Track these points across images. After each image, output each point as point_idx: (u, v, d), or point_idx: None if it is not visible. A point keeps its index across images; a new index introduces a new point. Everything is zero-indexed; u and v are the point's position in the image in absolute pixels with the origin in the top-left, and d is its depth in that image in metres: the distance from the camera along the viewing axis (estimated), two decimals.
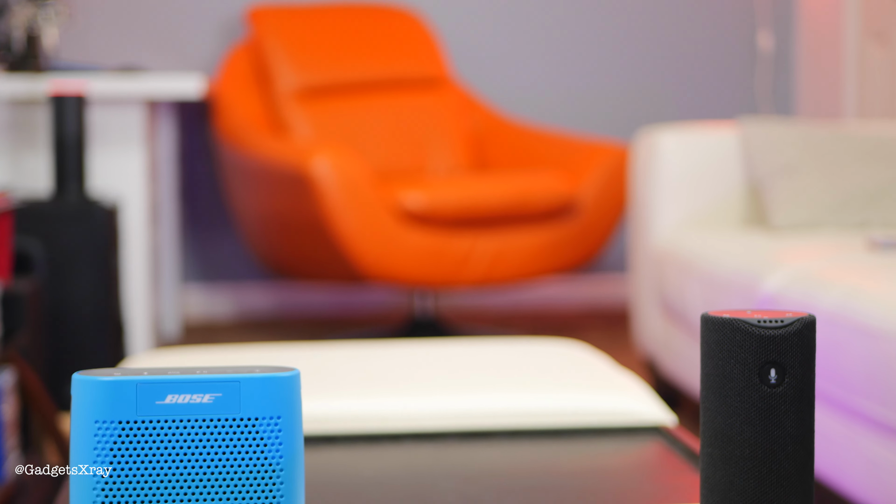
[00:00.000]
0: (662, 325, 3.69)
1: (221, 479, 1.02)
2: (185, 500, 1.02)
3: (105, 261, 3.59)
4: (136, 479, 1.01)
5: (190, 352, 2.10)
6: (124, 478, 1.01)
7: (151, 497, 1.02)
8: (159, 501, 1.02)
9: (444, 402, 1.79)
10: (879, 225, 3.53)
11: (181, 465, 1.02)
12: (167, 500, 1.02)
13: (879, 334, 2.29)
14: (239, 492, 1.03)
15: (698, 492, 1.12)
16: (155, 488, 1.02)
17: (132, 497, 1.01)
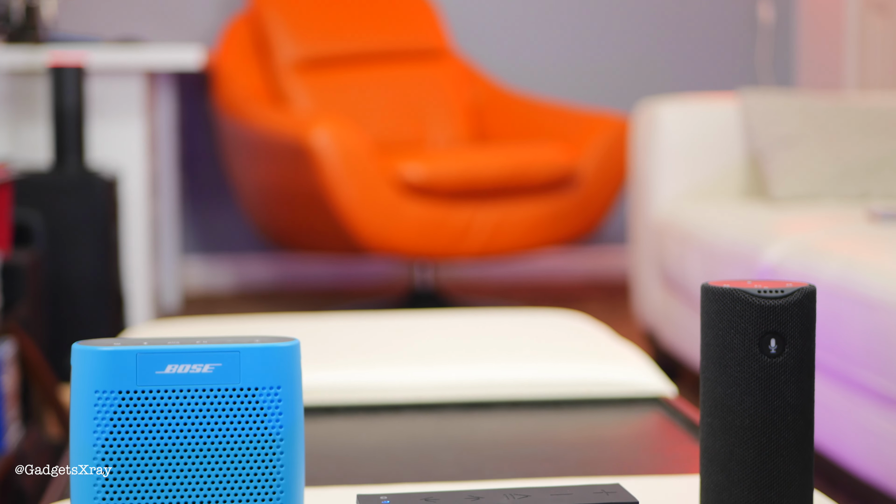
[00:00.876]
0: (662, 297, 3.69)
1: (221, 449, 1.02)
2: (185, 469, 1.02)
3: (105, 232, 3.58)
4: (135, 449, 1.01)
5: (190, 323, 2.10)
6: (124, 448, 1.01)
7: (151, 466, 1.02)
8: (159, 471, 1.02)
9: (444, 373, 1.79)
10: (880, 196, 3.53)
11: (181, 435, 1.02)
12: (167, 470, 1.02)
13: (879, 305, 2.29)
14: (239, 461, 1.03)
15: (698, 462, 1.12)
16: (155, 458, 1.02)
17: (132, 467, 1.01)
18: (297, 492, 1.04)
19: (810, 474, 1.09)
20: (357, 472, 1.47)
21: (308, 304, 4.96)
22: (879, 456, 2.32)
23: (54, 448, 2.84)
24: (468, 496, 1.01)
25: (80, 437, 1.02)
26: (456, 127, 5.15)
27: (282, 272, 5.53)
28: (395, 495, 1.01)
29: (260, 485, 1.03)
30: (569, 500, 1.00)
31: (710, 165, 3.82)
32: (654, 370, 1.84)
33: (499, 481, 1.34)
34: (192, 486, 1.02)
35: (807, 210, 3.37)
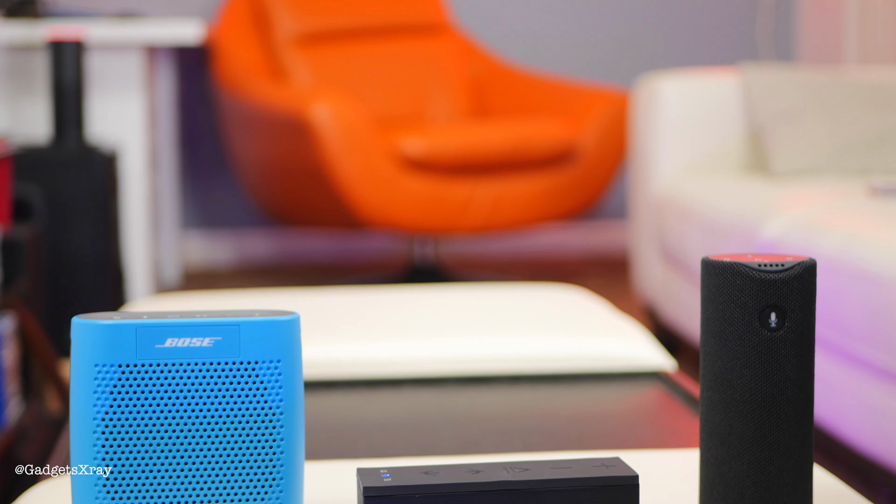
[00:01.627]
0: (662, 272, 3.69)
1: (221, 423, 1.02)
2: (185, 443, 1.02)
3: (104, 207, 3.58)
4: (135, 422, 1.01)
5: (189, 297, 2.10)
6: (124, 421, 1.01)
7: (151, 440, 1.02)
8: (159, 445, 1.02)
9: (443, 348, 1.79)
10: (880, 171, 3.53)
11: (181, 408, 1.02)
12: (167, 444, 1.02)
13: (879, 280, 2.29)
14: (239, 435, 1.03)
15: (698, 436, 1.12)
16: (154, 432, 1.02)
17: (132, 440, 1.01)
18: (297, 466, 1.04)
19: (810, 448, 1.09)
20: (357, 446, 1.47)
21: (308, 280, 4.96)
22: (879, 431, 2.32)
23: (55, 422, 2.84)
24: (468, 469, 1.01)
25: (81, 411, 1.01)
26: (456, 102, 5.14)
27: (281, 247, 5.53)
28: (395, 469, 1.01)
29: (260, 458, 1.03)
30: (568, 474, 1.00)
31: (711, 140, 3.82)
32: (653, 345, 1.84)
33: (498, 455, 1.34)
34: (191, 460, 1.02)
35: (807, 185, 3.37)
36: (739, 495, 1.07)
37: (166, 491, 1.02)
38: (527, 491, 0.99)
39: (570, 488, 0.99)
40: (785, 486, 1.07)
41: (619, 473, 1.00)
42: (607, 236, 5.64)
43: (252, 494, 1.03)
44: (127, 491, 1.01)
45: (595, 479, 1.00)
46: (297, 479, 1.05)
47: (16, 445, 2.54)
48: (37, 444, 2.67)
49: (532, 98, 5.02)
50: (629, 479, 1.00)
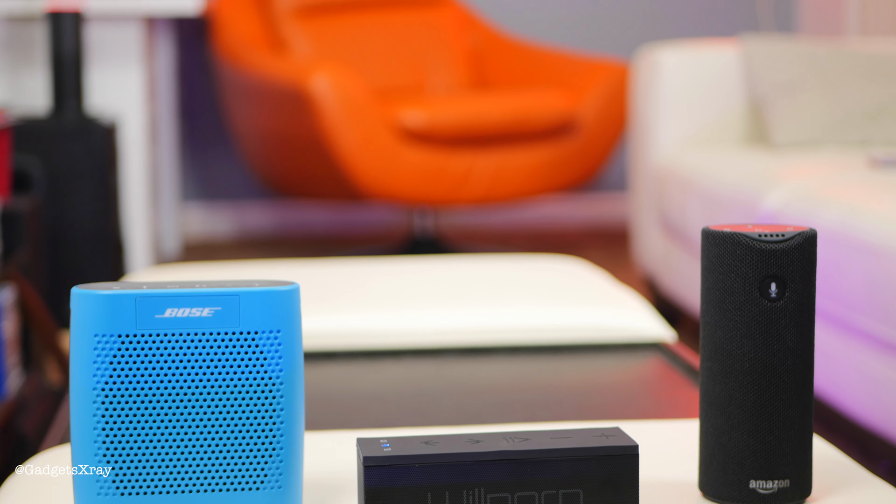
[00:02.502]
0: (662, 243, 3.69)
1: (221, 393, 1.02)
2: (185, 413, 1.02)
3: (104, 179, 3.58)
4: (135, 393, 1.01)
5: (189, 268, 2.10)
6: (124, 391, 1.01)
7: (151, 410, 1.02)
8: (159, 415, 1.02)
9: (444, 319, 1.79)
10: (880, 143, 3.52)
11: (180, 378, 1.02)
12: (166, 414, 1.02)
13: (879, 251, 2.29)
14: (239, 405, 1.03)
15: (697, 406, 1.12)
16: (154, 402, 1.02)
17: (131, 411, 1.01)
18: (297, 436, 1.04)
19: (810, 418, 1.09)
20: (357, 416, 1.47)
21: (308, 251, 4.96)
22: (878, 401, 2.33)
23: (55, 394, 2.85)
24: (468, 439, 1.01)
25: (80, 382, 1.01)
26: (456, 73, 5.13)
27: (281, 219, 5.53)
28: (395, 439, 1.01)
29: (260, 428, 1.03)
30: (568, 444, 1.00)
31: (711, 112, 3.81)
32: (653, 315, 1.84)
33: (498, 425, 1.34)
34: (191, 430, 1.02)
35: (807, 156, 3.36)
36: (739, 465, 1.07)
37: (166, 460, 1.02)
38: (527, 461, 0.99)
39: (570, 458, 0.99)
40: (785, 455, 1.07)
41: (619, 443, 1.00)
42: (607, 208, 5.64)
43: (252, 464, 1.03)
44: (126, 461, 1.02)
45: (595, 448, 1.00)
46: (298, 449, 1.05)
47: (16, 417, 2.55)
48: (37, 416, 2.67)
49: (532, 69, 5.01)
50: (629, 449, 1.00)
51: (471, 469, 0.98)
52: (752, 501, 1.07)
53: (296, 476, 1.05)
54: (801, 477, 1.08)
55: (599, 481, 1.00)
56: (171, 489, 1.02)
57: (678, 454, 1.19)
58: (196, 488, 1.03)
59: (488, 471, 0.98)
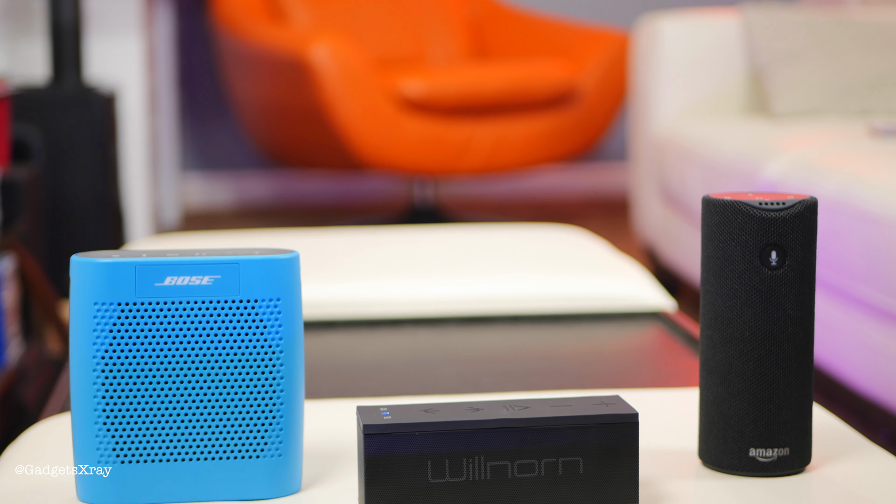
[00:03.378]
0: (662, 213, 3.68)
1: (221, 361, 1.02)
2: (185, 381, 1.02)
3: (103, 148, 3.57)
4: (134, 361, 1.01)
5: (189, 237, 2.10)
6: (123, 360, 1.01)
7: (151, 379, 1.02)
8: (159, 383, 1.02)
9: (444, 288, 1.79)
10: (881, 112, 3.51)
11: (180, 347, 1.02)
12: (166, 382, 1.02)
13: (880, 221, 2.29)
14: (239, 374, 1.03)
15: (697, 375, 1.12)
16: (154, 370, 1.02)
17: (131, 379, 1.01)
18: (297, 404, 1.04)
19: (810, 386, 1.09)
20: (357, 385, 1.47)
21: (308, 221, 4.96)
22: (878, 371, 2.33)
23: (55, 363, 2.85)
24: (468, 407, 1.01)
25: (80, 350, 1.01)
26: (456, 43, 5.12)
27: (281, 189, 5.52)
28: (395, 407, 1.01)
29: (260, 397, 1.03)
30: (568, 412, 1.00)
31: (712, 81, 3.80)
32: (653, 285, 1.84)
33: (498, 394, 1.34)
34: (191, 398, 1.02)
35: (808, 126, 3.35)
36: (739, 433, 1.07)
37: (166, 429, 1.02)
38: (526, 429, 0.99)
39: (570, 426, 0.99)
40: (784, 424, 1.07)
41: (619, 411, 1.00)
42: (607, 178, 5.63)
43: (252, 432, 1.03)
44: (126, 429, 1.02)
45: (595, 416, 1.00)
46: (298, 418, 1.05)
47: (16, 386, 2.55)
48: (37, 385, 2.67)
49: (532, 39, 4.99)
50: (629, 417, 1.00)
51: (471, 437, 0.98)
52: (752, 469, 1.07)
53: (296, 444, 1.05)
54: (801, 445, 1.08)
55: (599, 449, 1.00)
56: (171, 457, 1.02)
57: (678, 423, 1.19)
58: (196, 456, 1.03)
59: (488, 439, 0.98)
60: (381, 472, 0.98)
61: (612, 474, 1.00)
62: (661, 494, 1.03)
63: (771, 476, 1.08)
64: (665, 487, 1.05)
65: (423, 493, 0.98)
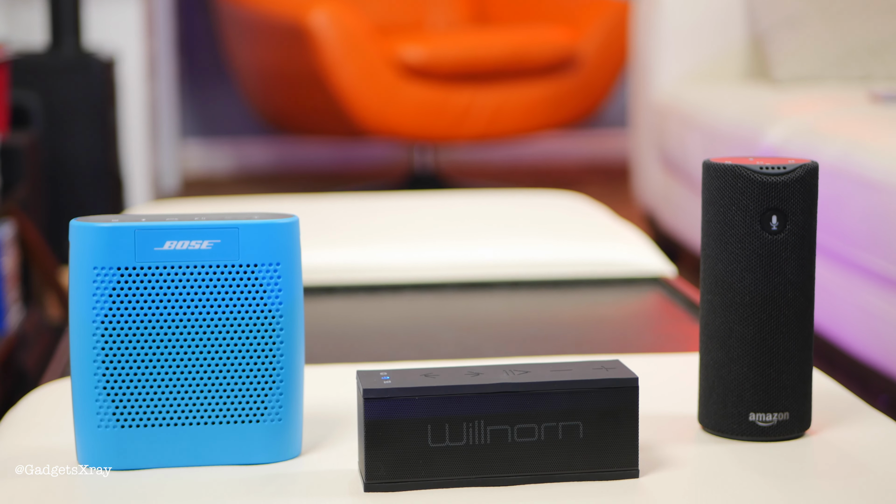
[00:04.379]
0: (663, 180, 3.68)
1: (220, 326, 1.02)
2: (184, 346, 1.02)
3: (103, 114, 3.56)
4: (134, 325, 1.01)
5: (189, 203, 2.10)
6: (123, 324, 1.01)
7: (150, 343, 1.02)
8: (158, 347, 1.02)
9: (444, 253, 1.79)
10: (882, 78, 3.50)
11: (180, 311, 1.02)
12: (166, 347, 1.02)
13: (881, 186, 2.28)
14: (238, 338, 1.03)
15: (697, 340, 1.12)
16: (153, 335, 1.02)
17: (131, 343, 1.01)
18: (296, 368, 1.04)
19: (810, 351, 1.09)
20: (357, 350, 1.47)
21: (308, 187, 4.96)
22: (878, 337, 2.33)
23: (55, 329, 2.85)
24: (468, 372, 1.01)
25: (79, 315, 1.01)
26: (455, 9, 5.10)
27: (281, 155, 5.51)
28: (395, 371, 1.01)
29: (259, 361, 1.03)
30: (568, 376, 1.00)
31: (712, 47, 3.79)
32: (653, 250, 1.84)
33: (498, 359, 1.34)
34: (191, 363, 1.02)
35: (809, 91, 3.35)
36: (739, 398, 1.07)
37: (166, 393, 1.02)
38: (526, 393, 0.99)
39: (570, 390, 0.99)
40: (784, 388, 1.07)
41: (619, 376, 1.00)
42: (607, 144, 5.62)
43: (252, 397, 1.03)
44: (126, 393, 1.02)
45: (595, 381, 1.00)
46: (297, 382, 1.05)
47: (16, 352, 2.55)
48: (37, 351, 2.67)
49: (532, 5, 4.98)
50: (629, 382, 1.00)
51: (471, 401, 0.98)
52: (752, 434, 1.08)
53: (296, 409, 1.05)
54: (801, 410, 1.08)
55: (599, 413, 1.00)
56: (171, 421, 1.02)
57: (678, 387, 1.19)
58: (196, 420, 1.03)
59: (488, 403, 0.98)
60: (380, 436, 0.98)
61: (612, 438, 1.00)
62: (661, 459, 1.04)
63: (771, 440, 1.08)
64: (665, 452, 1.05)
65: (422, 457, 0.98)
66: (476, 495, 0.97)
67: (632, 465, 1.00)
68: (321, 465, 1.03)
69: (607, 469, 1.00)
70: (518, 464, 0.99)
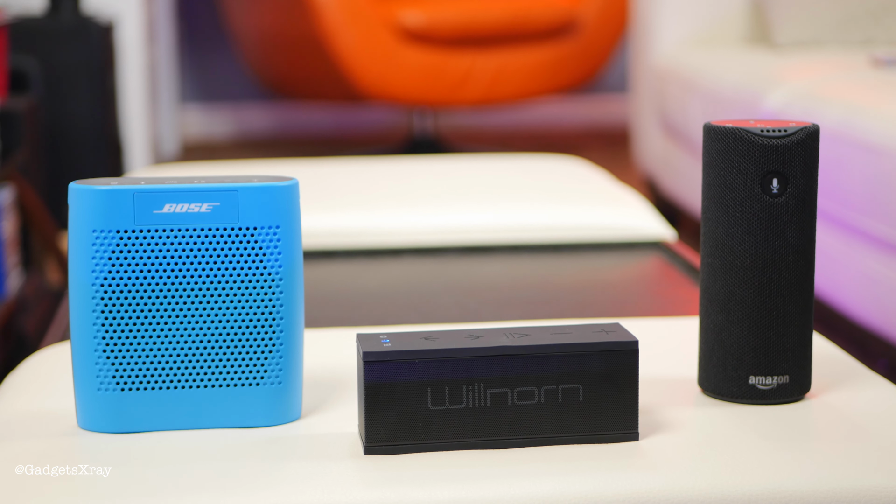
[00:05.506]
0: (663, 144, 3.67)
1: (220, 289, 1.02)
2: (184, 309, 1.02)
3: (101, 79, 3.55)
4: (133, 289, 1.01)
5: (188, 167, 2.09)
6: (122, 287, 1.01)
7: (150, 306, 1.01)
8: (158, 311, 1.02)
9: (444, 217, 1.78)
10: (883, 42, 3.49)
11: (179, 274, 1.02)
12: (165, 310, 1.02)
13: (881, 151, 2.28)
14: (238, 301, 1.02)
15: (697, 304, 1.12)
16: (153, 298, 1.01)
17: (130, 307, 1.01)
18: (296, 331, 1.04)
19: (810, 314, 1.09)
20: (357, 314, 1.47)
21: (307, 152, 4.95)
22: (877, 301, 2.33)
23: (54, 294, 2.85)
24: (468, 335, 1.01)
25: (79, 278, 1.01)
26: None
27: (281, 120, 5.50)
28: (395, 334, 1.01)
29: (259, 324, 1.03)
30: (568, 339, 1.00)
31: (713, 11, 3.78)
32: (654, 215, 1.83)
33: (498, 323, 1.34)
34: (190, 326, 1.02)
35: (809, 56, 3.34)
36: (738, 361, 1.07)
37: (165, 356, 1.02)
38: (526, 356, 0.99)
39: (570, 353, 0.99)
40: (784, 351, 1.07)
41: (619, 339, 1.00)
42: (608, 109, 5.61)
43: (252, 360, 1.03)
44: (126, 357, 1.02)
45: (595, 344, 1.00)
46: (297, 345, 1.05)
47: (16, 317, 2.55)
48: (37, 316, 2.67)
49: None
50: (629, 345, 1.00)
51: (471, 364, 0.98)
52: (752, 397, 1.08)
53: (296, 372, 1.05)
54: (801, 373, 1.08)
55: (599, 376, 1.00)
56: (171, 384, 1.02)
57: (678, 351, 1.19)
58: (196, 384, 1.03)
59: (488, 366, 0.98)
60: (380, 399, 0.98)
61: (612, 401, 1.00)
62: (661, 422, 1.04)
63: (770, 403, 1.08)
64: (664, 415, 1.05)
65: (422, 419, 0.98)
66: (476, 458, 0.97)
67: (631, 428, 1.00)
68: (321, 429, 1.03)
69: (607, 432, 1.00)
70: (518, 427, 0.99)
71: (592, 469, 0.95)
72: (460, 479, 0.94)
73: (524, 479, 0.94)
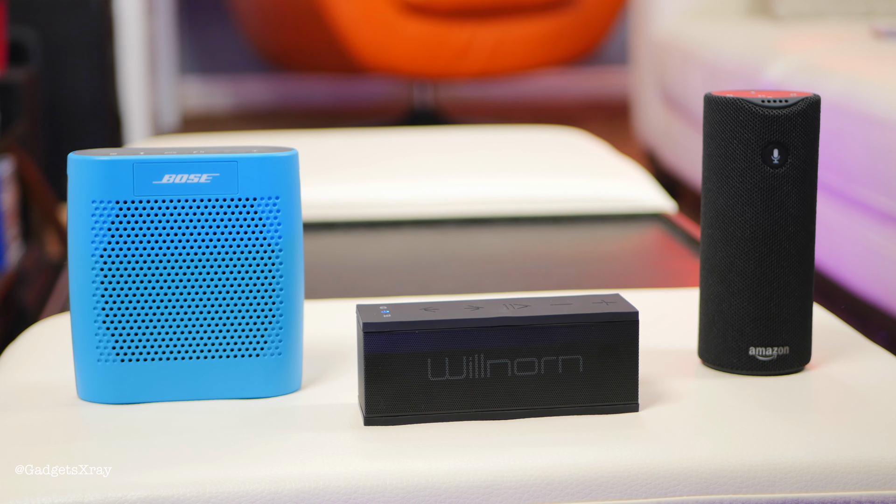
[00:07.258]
0: (663, 116, 3.67)
1: (220, 260, 1.02)
2: (184, 280, 1.02)
3: (100, 50, 3.55)
4: (133, 259, 1.01)
5: (188, 138, 2.09)
6: (122, 258, 1.01)
7: (150, 277, 1.01)
8: (157, 281, 1.01)
9: (444, 189, 1.78)
10: (884, 14, 3.49)
11: (179, 245, 1.01)
12: (165, 281, 1.02)
13: (882, 122, 2.27)
14: (238, 272, 1.02)
15: (698, 276, 1.12)
16: (153, 269, 1.01)
17: (130, 277, 1.01)
18: (296, 302, 1.04)
19: (810, 286, 1.08)
20: (357, 285, 1.47)
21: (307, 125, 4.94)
22: (878, 274, 2.33)
23: (54, 266, 2.85)
24: (467, 306, 1.01)
25: (78, 248, 1.01)
26: None
27: (281, 92, 5.49)
28: (395, 305, 1.01)
29: (259, 295, 1.03)
30: (568, 310, 1.00)
31: None
32: (654, 186, 1.83)
33: (498, 294, 1.34)
34: (190, 296, 1.02)
35: (810, 28, 3.33)
36: (739, 332, 1.07)
37: (165, 327, 1.02)
38: (526, 327, 0.99)
39: (570, 324, 0.99)
40: (785, 323, 1.07)
41: (620, 310, 1.00)
42: (608, 81, 5.60)
43: (252, 330, 1.03)
44: (126, 327, 1.01)
45: (595, 314, 0.99)
46: (297, 316, 1.04)
47: (16, 288, 2.55)
48: (37, 288, 2.67)
49: None
50: (629, 316, 1.00)
51: (471, 335, 0.98)
52: (752, 368, 1.08)
53: (296, 343, 1.05)
54: (801, 344, 1.08)
55: (599, 347, 1.00)
56: (171, 355, 1.02)
57: (678, 322, 1.19)
58: (196, 354, 1.03)
59: (488, 337, 0.98)
60: (380, 370, 0.98)
61: (612, 372, 1.00)
62: (661, 393, 1.04)
63: (770, 375, 1.08)
64: (664, 386, 1.05)
65: (422, 390, 0.98)
66: (476, 429, 0.97)
67: (632, 399, 1.00)
68: (321, 400, 1.03)
69: (607, 403, 1.00)
70: (518, 398, 0.99)
71: (592, 440, 0.95)
72: (460, 449, 0.94)
73: (524, 450, 0.94)
